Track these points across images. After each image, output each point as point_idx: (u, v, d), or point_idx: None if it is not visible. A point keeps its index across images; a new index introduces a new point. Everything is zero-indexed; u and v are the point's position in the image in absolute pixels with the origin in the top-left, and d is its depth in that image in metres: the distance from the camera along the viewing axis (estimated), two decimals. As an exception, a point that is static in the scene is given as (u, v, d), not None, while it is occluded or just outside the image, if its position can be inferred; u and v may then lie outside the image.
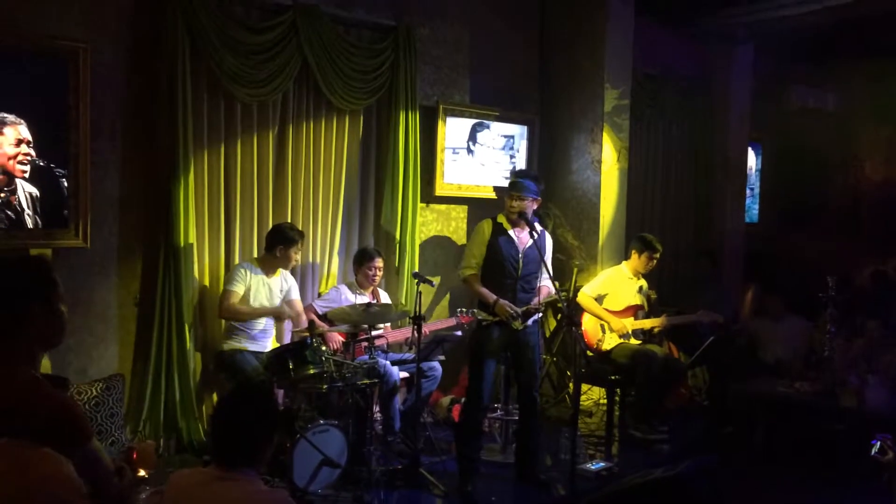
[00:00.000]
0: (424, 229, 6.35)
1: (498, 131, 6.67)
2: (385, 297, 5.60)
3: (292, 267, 5.15)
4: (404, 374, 5.30)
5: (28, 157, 4.37)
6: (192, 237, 4.96)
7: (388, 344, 5.39)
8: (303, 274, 5.59)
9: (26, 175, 4.38)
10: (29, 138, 4.36)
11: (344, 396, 4.66)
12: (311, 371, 4.43)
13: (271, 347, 5.00)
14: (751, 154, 9.16)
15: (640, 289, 5.88)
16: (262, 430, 2.42)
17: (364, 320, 4.72)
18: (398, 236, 5.94)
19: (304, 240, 5.20)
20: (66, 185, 4.53)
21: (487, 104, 6.59)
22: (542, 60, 7.07)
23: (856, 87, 9.09)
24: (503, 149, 6.73)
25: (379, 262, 5.42)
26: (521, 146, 6.84)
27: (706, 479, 3.05)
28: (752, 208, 9.67)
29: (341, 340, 5.16)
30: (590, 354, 5.77)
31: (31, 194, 4.41)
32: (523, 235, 4.70)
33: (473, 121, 6.49)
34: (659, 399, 5.70)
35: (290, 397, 4.80)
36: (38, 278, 2.04)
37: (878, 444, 3.29)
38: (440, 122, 6.24)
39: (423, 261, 6.24)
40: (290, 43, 5.23)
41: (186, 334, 4.91)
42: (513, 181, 4.81)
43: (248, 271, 4.94)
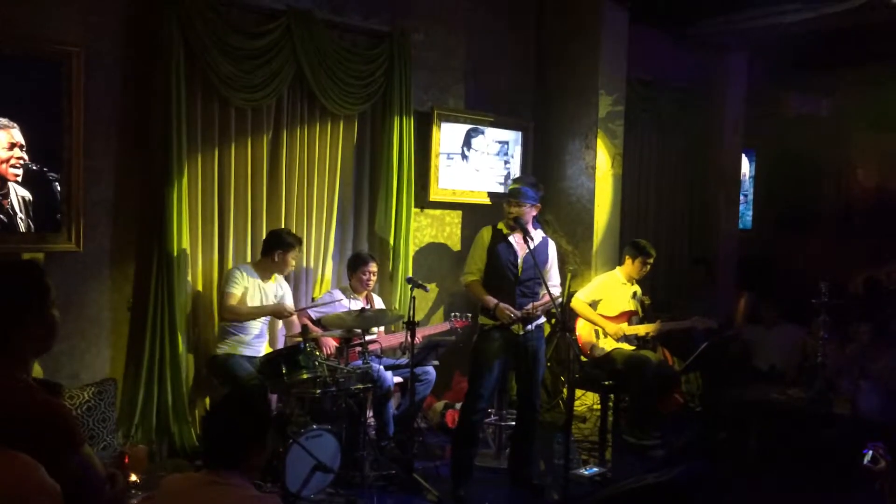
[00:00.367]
0: (419, 234, 6.35)
1: (492, 137, 6.68)
2: (379, 302, 5.60)
3: (288, 272, 5.14)
4: (398, 379, 5.29)
5: (21, 161, 4.36)
6: (186, 242, 4.95)
7: (381, 349, 5.39)
8: (297, 279, 5.58)
9: (19, 179, 4.37)
10: (22, 142, 4.35)
11: (337, 401, 4.65)
12: (305, 376, 4.42)
13: (265, 352, 4.99)
14: (744, 160, 9.18)
15: (634, 294, 5.89)
16: (255, 435, 2.42)
17: (358, 325, 4.72)
18: (392, 241, 5.94)
19: (301, 246, 5.20)
20: (59, 189, 4.52)
21: (482, 110, 6.60)
22: (537, 66, 7.09)
23: (849, 94, 9.13)
24: (498, 154, 6.74)
25: (373, 267, 5.41)
26: (516, 152, 6.85)
27: (699, 484, 3.06)
28: (746, 215, 9.70)
29: (335, 345, 5.15)
30: (583, 360, 5.78)
31: (23, 198, 4.40)
32: (521, 241, 4.71)
33: (468, 126, 6.50)
34: (653, 405, 5.70)
35: (284, 402, 4.79)
36: (32, 284, 2.03)
37: (869, 453, 3.30)
38: (435, 128, 6.25)
39: (418, 266, 6.24)
40: (285, 48, 5.24)
41: (179, 339, 4.89)
42: (512, 188, 4.83)
43: (245, 274, 4.94)
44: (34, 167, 4.42)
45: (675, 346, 6.54)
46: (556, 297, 4.64)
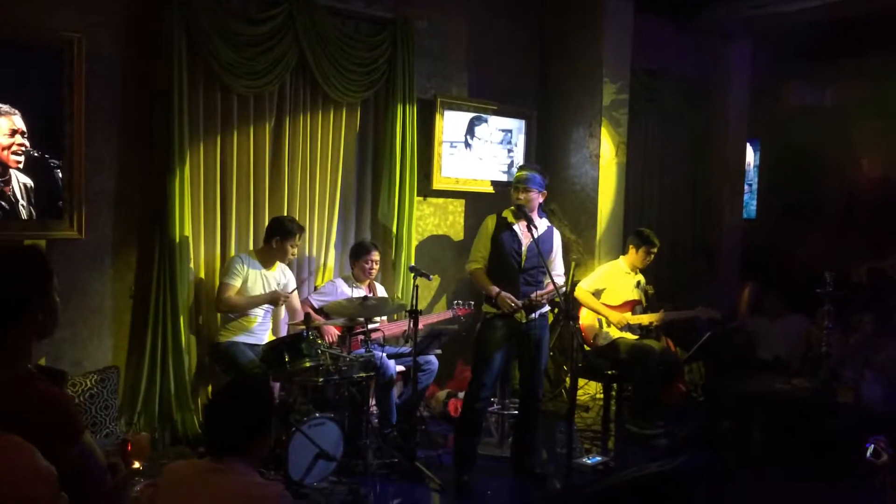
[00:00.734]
0: (421, 223, 6.33)
1: (496, 125, 6.65)
2: (381, 291, 5.59)
3: (289, 261, 5.13)
4: (400, 368, 5.29)
5: (22, 148, 4.34)
6: (188, 229, 4.94)
7: (384, 337, 5.38)
8: (299, 267, 5.57)
9: (20, 166, 4.35)
10: (23, 129, 4.33)
11: (340, 389, 4.65)
12: (307, 364, 4.42)
13: (267, 340, 4.99)
14: (749, 150, 9.15)
15: (638, 284, 5.88)
16: (258, 423, 2.41)
17: (360, 313, 4.71)
18: (395, 230, 5.92)
19: (303, 234, 5.18)
20: (60, 176, 4.50)
21: (485, 98, 6.57)
22: (541, 54, 7.05)
23: (854, 85, 9.08)
24: (501, 143, 6.71)
25: (375, 256, 5.40)
26: (520, 140, 6.82)
27: (702, 474, 3.05)
28: (750, 204, 9.67)
29: (337, 334, 5.15)
30: (587, 349, 5.77)
31: (25, 185, 4.39)
32: (526, 230, 4.70)
33: (471, 114, 6.47)
34: (656, 394, 5.69)
35: (286, 390, 4.78)
36: (36, 269, 2.02)
37: (871, 447, 3.30)
38: (438, 116, 6.22)
39: (420, 254, 6.23)
40: (287, 34, 5.21)
41: (182, 326, 4.89)
42: (519, 174, 4.80)
43: (245, 263, 4.92)
44: (36, 154, 4.40)
45: (678, 335, 6.53)
46: (560, 286, 4.62)
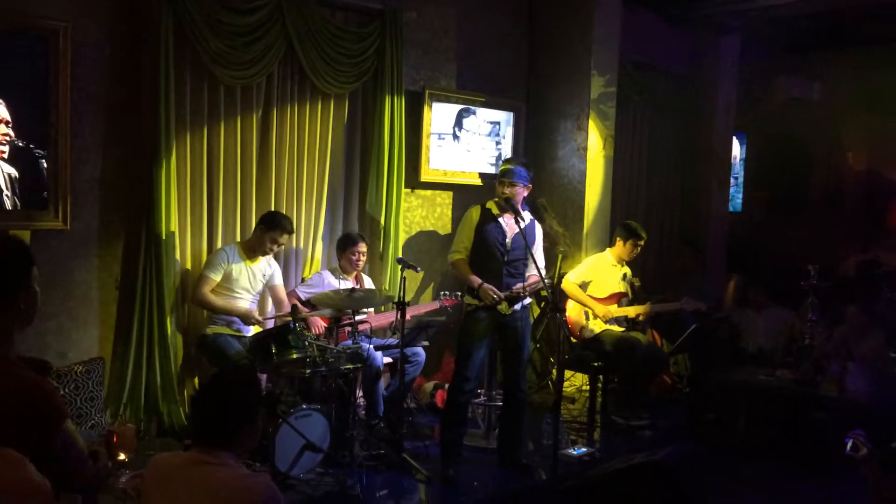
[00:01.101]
0: (409, 215, 6.33)
1: (484, 117, 6.65)
2: (369, 283, 5.59)
3: (268, 254, 5.07)
4: (388, 360, 5.30)
5: (7, 138, 4.31)
6: (174, 220, 4.91)
7: (371, 329, 5.38)
8: (286, 259, 5.56)
9: (5, 156, 4.32)
10: (8, 118, 4.29)
11: (327, 381, 4.65)
12: (294, 356, 4.41)
13: (254, 332, 4.98)
14: (735, 143, 9.19)
15: (624, 276, 5.90)
16: (245, 414, 2.41)
17: (347, 305, 4.70)
18: (383, 222, 5.91)
19: (291, 235, 5.14)
20: (45, 166, 4.47)
21: (474, 90, 6.56)
22: (530, 46, 7.05)
23: (841, 78, 9.13)
24: (489, 135, 6.71)
25: (363, 247, 5.40)
26: (508, 132, 6.82)
27: (687, 465, 3.07)
28: (736, 197, 9.72)
29: (324, 325, 5.14)
30: (573, 341, 5.79)
31: (9, 175, 4.35)
32: (511, 222, 4.71)
33: (459, 106, 6.46)
34: (641, 386, 5.73)
35: (273, 382, 4.78)
36: (18, 260, 2.02)
37: (850, 441, 3.35)
38: (426, 108, 6.21)
39: (408, 246, 6.23)
40: (275, 25, 5.18)
41: (168, 317, 4.87)
42: (504, 168, 4.80)
43: (230, 257, 4.91)
44: (20, 144, 4.36)
45: (664, 327, 6.57)
46: (544, 277, 4.65)
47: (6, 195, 4.35)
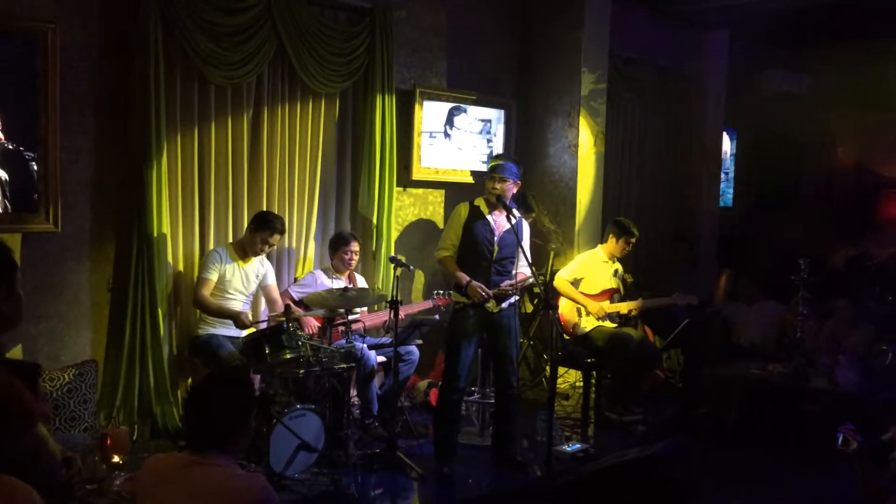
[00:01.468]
0: (401, 214, 6.33)
1: (475, 115, 6.65)
2: (361, 282, 5.59)
3: (259, 254, 5.06)
4: (381, 359, 5.30)
5: (-4, 140, 4.29)
6: (166, 222, 4.90)
7: (365, 328, 5.39)
8: (279, 259, 5.55)
9: (-5, 158, 4.30)
10: (-3, 121, 4.28)
11: (321, 381, 4.65)
12: (288, 356, 4.41)
13: (247, 332, 4.97)
14: (725, 138, 9.22)
15: (616, 272, 5.92)
16: (238, 415, 2.41)
17: (340, 304, 4.70)
18: (375, 221, 5.91)
19: (281, 235, 5.14)
20: (35, 168, 4.45)
21: (465, 88, 6.56)
22: (520, 44, 7.06)
23: (829, 73, 9.18)
24: (480, 133, 6.72)
25: (355, 247, 5.40)
26: (499, 130, 6.83)
27: (680, 459, 3.09)
28: (727, 192, 9.76)
29: (318, 325, 5.14)
30: (566, 338, 5.81)
31: (-1, 178, 4.34)
32: (500, 219, 4.71)
33: (451, 105, 6.46)
34: (634, 381, 5.75)
35: (267, 382, 4.78)
36: (4, 263, 2.01)
37: (840, 436, 3.38)
38: (417, 106, 6.21)
39: (400, 245, 6.23)
40: (265, 25, 5.16)
41: (160, 319, 4.86)
42: (494, 164, 4.80)
43: (222, 257, 4.91)
44: (10, 146, 4.34)
45: (656, 323, 6.60)
46: (529, 276, 4.67)
47: (-4, 198, 4.33)
